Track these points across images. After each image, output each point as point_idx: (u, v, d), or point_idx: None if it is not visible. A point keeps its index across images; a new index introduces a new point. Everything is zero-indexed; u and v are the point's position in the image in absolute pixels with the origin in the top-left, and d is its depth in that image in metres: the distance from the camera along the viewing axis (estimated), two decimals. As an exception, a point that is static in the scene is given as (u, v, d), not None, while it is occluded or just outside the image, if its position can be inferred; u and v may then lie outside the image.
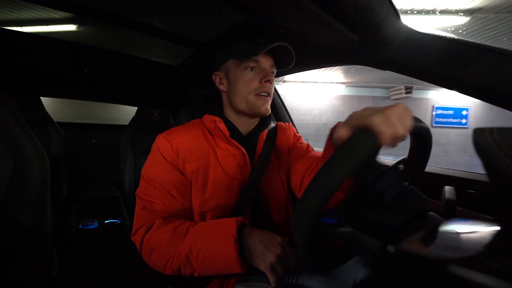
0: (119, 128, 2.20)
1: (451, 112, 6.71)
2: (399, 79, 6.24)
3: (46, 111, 1.64)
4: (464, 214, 0.71)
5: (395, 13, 0.62)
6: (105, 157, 2.20)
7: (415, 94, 6.68)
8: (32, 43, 1.19)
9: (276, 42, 0.68)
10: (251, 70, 0.73)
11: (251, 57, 0.70)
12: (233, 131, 0.76)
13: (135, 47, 1.33)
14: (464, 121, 6.71)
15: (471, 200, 0.72)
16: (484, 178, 0.74)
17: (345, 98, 6.90)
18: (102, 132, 2.22)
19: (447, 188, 0.47)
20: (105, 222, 1.43)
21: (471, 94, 0.59)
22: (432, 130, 0.45)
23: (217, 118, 0.73)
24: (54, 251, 0.70)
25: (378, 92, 6.96)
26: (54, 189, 1.59)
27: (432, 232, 0.30)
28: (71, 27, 1.21)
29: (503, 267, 0.21)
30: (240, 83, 0.73)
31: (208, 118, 0.75)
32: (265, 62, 0.73)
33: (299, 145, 0.89)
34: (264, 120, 0.83)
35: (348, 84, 6.75)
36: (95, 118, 5.23)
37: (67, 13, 1.05)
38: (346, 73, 5.92)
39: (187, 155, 0.72)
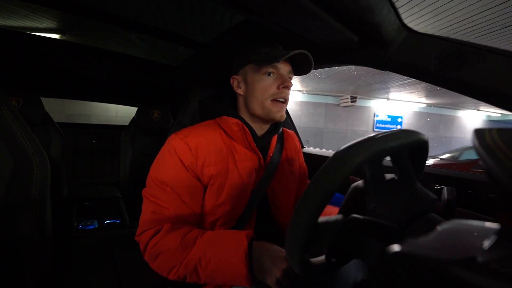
0: (119, 128, 2.20)
1: (389, 119, 8.52)
2: (346, 90, 7.42)
3: (46, 112, 1.64)
4: (464, 214, 0.70)
5: (395, 13, 0.62)
6: (105, 157, 2.20)
7: (359, 102, 8.01)
8: (32, 43, 1.19)
9: (296, 49, 0.68)
10: (269, 75, 0.72)
11: (272, 63, 0.69)
12: (252, 135, 0.75)
13: (135, 48, 1.33)
14: (399, 127, 8.52)
15: (471, 201, 0.72)
16: (484, 178, 0.74)
17: (302, 104, 7.95)
18: (102, 132, 2.22)
19: (447, 188, 0.48)
20: (105, 222, 1.43)
21: (471, 95, 0.59)
22: (374, 133, 0.46)
23: (239, 121, 0.73)
24: (54, 252, 0.70)
25: (330, 100, 8.16)
26: (54, 189, 1.59)
27: (431, 232, 0.30)
28: (55, 36, 1.21)
29: (503, 268, 0.21)
30: (258, 88, 0.72)
31: (230, 121, 0.73)
32: (284, 68, 0.73)
33: (304, 165, 0.96)
34: (276, 125, 0.83)
35: (305, 92, 7.74)
36: (64, 113, 5.15)
37: (51, 24, 1.05)
38: (302, 82, 6.75)
39: (206, 158, 0.69)
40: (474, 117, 10.22)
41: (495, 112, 9.75)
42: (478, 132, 0.32)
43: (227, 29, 1.00)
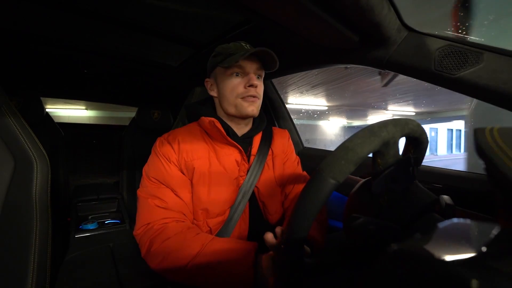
0: (119, 128, 2.20)
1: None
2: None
3: (47, 112, 1.64)
4: (464, 214, 0.70)
5: (396, 13, 0.62)
6: (105, 157, 2.20)
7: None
8: (32, 43, 1.19)
9: (262, 46, 0.70)
10: (237, 75, 0.75)
11: (232, 64, 0.71)
12: (228, 131, 0.78)
13: (135, 47, 1.33)
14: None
15: (471, 200, 0.72)
16: (484, 178, 0.74)
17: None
18: (102, 132, 2.22)
19: (444, 197, 0.47)
20: (105, 222, 1.43)
21: (472, 95, 0.59)
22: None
23: (213, 119, 0.75)
24: (54, 252, 0.70)
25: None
26: (54, 189, 1.59)
27: (432, 232, 0.30)
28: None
29: (503, 267, 0.21)
30: (226, 89, 0.76)
31: (205, 120, 0.76)
32: (250, 66, 0.75)
33: (292, 158, 0.94)
34: (258, 124, 0.85)
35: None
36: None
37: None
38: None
39: (188, 153, 0.74)
40: (330, 124, 15.93)
41: (347, 121, 15.62)
42: (479, 132, 0.32)
43: (227, 29, 1.00)
